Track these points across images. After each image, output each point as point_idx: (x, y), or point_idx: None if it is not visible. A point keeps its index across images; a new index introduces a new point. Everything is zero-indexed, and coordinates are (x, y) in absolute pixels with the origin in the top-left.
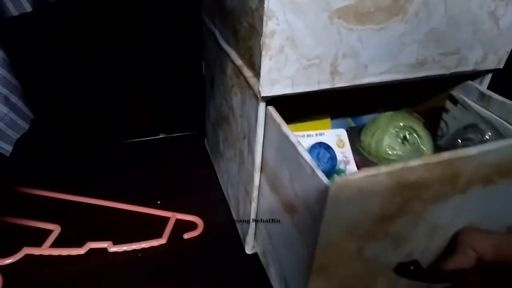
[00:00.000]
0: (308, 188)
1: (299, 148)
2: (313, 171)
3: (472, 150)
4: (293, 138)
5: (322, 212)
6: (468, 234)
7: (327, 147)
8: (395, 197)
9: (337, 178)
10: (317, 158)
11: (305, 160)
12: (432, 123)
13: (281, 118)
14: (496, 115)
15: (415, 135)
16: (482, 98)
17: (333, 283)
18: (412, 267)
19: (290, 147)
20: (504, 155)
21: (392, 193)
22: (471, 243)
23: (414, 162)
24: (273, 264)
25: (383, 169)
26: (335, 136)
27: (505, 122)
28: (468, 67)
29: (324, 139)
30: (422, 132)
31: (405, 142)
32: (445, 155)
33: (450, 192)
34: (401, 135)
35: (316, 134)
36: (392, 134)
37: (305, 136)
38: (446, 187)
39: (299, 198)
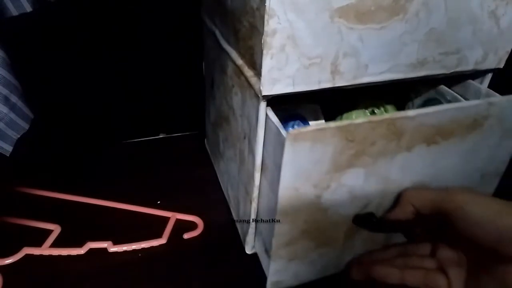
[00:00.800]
0: (275, 145)
1: (270, 114)
2: (278, 129)
3: (410, 112)
4: (262, 106)
5: (282, 160)
6: (409, 190)
7: (302, 119)
8: (345, 150)
9: (291, 130)
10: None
11: (272, 122)
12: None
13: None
14: (453, 91)
15: (382, 109)
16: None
17: (296, 227)
18: (374, 219)
19: (261, 115)
20: (442, 118)
21: (342, 146)
22: (410, 198)
23: (360, 120)
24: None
25: (332, 124)
26: (310, 110)
27: (459, 96)
28: (468, 66)
29: (300, 112)
30: (389, 106)
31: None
32: (387, 115)
33: (395, 149)
34: (370, 109)
35: (293, 108)
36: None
37: (281, 110)
38: (391, 144)
39: (270, 156)
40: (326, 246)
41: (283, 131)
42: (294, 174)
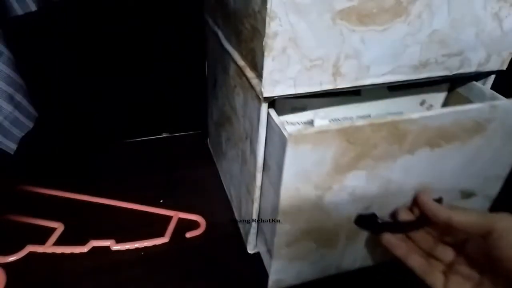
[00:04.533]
0: (276, 145)
1: (272, 114)
2: (280, 131)
3: (414, 115)
4: (263, 107)
5: (284, 160)
6: (456, 211)
7: None
8: (346, 152)
9: (293, 131)
10: None
11: (274, 123)
12: None
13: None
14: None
15: None
16: None
17: (298, 227)
18: (376, 220)
19: (263, 117)
20: (445, 121)
21: (343, 148)
22: (451, 218)
23: (361, 122)
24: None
25: (333, 126)
26: None
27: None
28: (471, 68)
29: None
30: None
31: None
32: (389, 118)
33: (398, 152)
34: None
35: None
36: None
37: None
38: (393, 147)
39: (272, 156)
40: (327, 247)
41: (285, 133)
42: (296, 174)
